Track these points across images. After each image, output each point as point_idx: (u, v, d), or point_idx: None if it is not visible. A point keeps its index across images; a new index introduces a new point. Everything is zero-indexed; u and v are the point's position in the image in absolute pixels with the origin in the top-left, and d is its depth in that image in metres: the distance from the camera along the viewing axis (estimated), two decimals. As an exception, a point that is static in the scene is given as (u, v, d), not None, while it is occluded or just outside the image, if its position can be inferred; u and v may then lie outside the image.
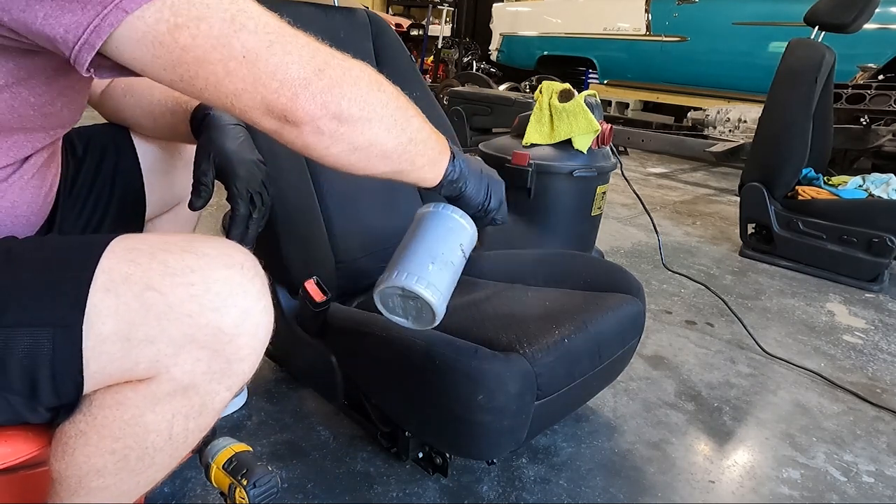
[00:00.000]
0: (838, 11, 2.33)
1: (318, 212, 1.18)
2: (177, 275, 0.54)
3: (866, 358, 1.72)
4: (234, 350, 0.57)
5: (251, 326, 0.58)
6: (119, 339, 0.53)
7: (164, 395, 0.57)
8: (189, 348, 0.55)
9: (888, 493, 1.18)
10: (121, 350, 0.54)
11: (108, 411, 0.58)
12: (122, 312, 0.53)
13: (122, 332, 0.53)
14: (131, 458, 0.61)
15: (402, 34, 7.02)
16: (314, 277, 1.05)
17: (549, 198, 1.87)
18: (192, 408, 0.60)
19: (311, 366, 1.16)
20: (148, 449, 0.61)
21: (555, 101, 1.85)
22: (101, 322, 0.53)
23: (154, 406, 0.58)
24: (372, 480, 1.09)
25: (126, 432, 0.59)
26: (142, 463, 0.62)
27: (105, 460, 0.60)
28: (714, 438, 1.30)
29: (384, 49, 1.37)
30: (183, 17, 0.49)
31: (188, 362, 0.56)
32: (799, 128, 2.33)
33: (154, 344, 0.54)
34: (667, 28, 4.83)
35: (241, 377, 0.60)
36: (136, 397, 0.57)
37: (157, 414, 0.58)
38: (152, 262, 0.55)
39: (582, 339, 1.00)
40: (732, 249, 2.63)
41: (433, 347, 0.91)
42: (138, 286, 0.53)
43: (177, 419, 0.60)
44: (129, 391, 0.57)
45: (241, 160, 0.81)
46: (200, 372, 0.57)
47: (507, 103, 3.18)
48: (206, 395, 0.60)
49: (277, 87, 0.52)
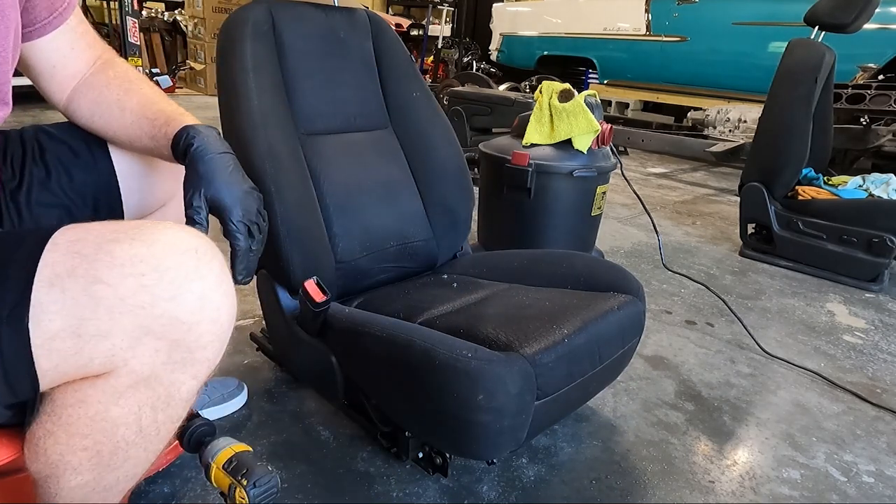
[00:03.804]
0: (838, 11, 2.33)
1: (318, 212, 1.19)
2: (125, 265, 0.53)
3: (866, 358, 1.72)
4: (195, 338, 0.56)
5: (211, 312, 0.57)
6: (69, 336, 0.52)
7: (126, 388, 0.56)
8: (145, 340, 0.54)
9: (888, 493, 1.18)
10: (73, 346, 0.52)
11: (72, 409, 0.57)
12: (69, 307, 0.51)
13: (72, 328, 0.52)
14: (104, 453, 0.60)
15: (402, 34, 7.02)
16: (314, 277, 1.05)
17: (549, 198, 1.87)
18: (158, 399, 0.59)
19: (311, 366, 1.16)
20: (119, 443, 0.60)
21: (555, 101, 1.86)
22: (49, 319, 0.51)
23: (117, 400, 0.57)
24: (372, 480, 1.09)
25: (93, 428, 0.58)
26: (116, 458, 0.61)
27: (79, 458, 0.59)
28: (714, 438, 1.30)
29: (384, 49, 1.37)
30: None
31: (146, 354, 0.55)
32: (799, 128, 2.33)
33: (107, 338, 0.53)
34: (667, 28, 4.83)
35: (205, 364, 0.60)
36: (97, 393, 0.56)
37: (121, 407, 0.58)
38: (98, 253, 0.53)
39: (582, 339, 1.00)
40: (732, 249, 2.63)
41: (433, 347, 0.91)
42: (85, 279, 0.52)
43: (144, 411, 0.59)
44: (88, 388, 0.56)
45: (235, 195, 0.76)
46: (160, 363, 0.56)
47: (507, 103, 3.17)
48: (171, 386, 0.59)
49: None
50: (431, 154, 1.37)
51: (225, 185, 0.76)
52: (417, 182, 1.36)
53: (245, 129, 1.10)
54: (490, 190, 2.01)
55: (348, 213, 1.24)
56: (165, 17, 7.43)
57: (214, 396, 1.22)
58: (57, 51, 0.82)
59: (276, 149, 1.11)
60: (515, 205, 1.91)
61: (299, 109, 1.22)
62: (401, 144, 1.37)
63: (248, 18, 1.16)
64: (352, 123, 1.31)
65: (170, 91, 6.49)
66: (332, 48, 1.28)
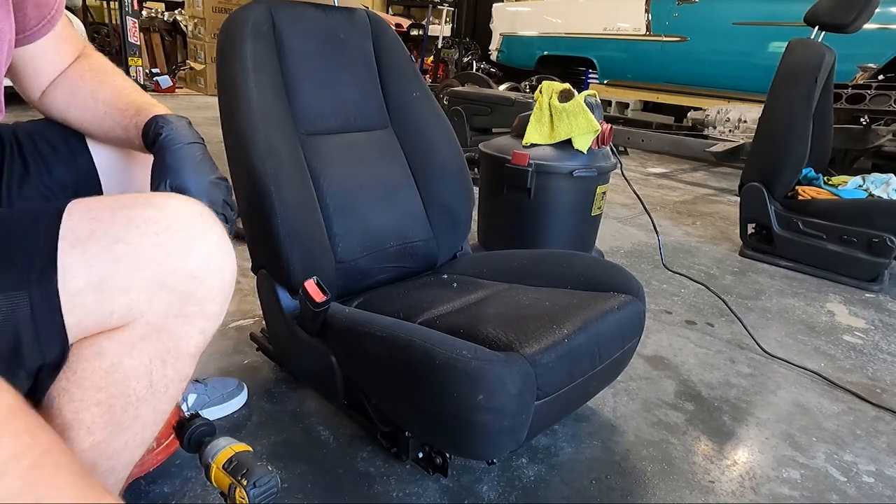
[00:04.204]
0: (838, 11, 2.33)
1: (318, 212, 1.19)
2: (141, 226, 0.58)
3: (866, 358, 1.72)
4: (204, 292, 0.62)
5: (216, 268, 0.62)
6: (92, 291, 0.56)
7: (139, 339, 0.60)
8: (161, 294, 0.59)
9: (888, 493, 1.18)
10: (95, 301, 0.56)
11: (87, 363, 0.60)
12: (92, 266, 0.56)
13: (95, 285, 0.56)
14: (116, 408, 0.63)
15: (402, 34, 7.03)
16: (314, 277, 1.05)
17: (549, 198, 1.87)
18: (168, 352, 0.63)
19: (311, 366, 1.16)
20: (131, 398, 0.63)
21: (555, 101, 1.86)
22: (72, 278, 0.55)
23: (131, 351, 0.61)
24: (372, 480, 1.09)
25: (107, 381, 0.61)
26: (127, 415, 0.64)
27: (92, 414, 0.62)
28: (714, 438, 1.30)
29: (384, 49, 1.37)
30: None
31: (161, 306, 0.59)
32: (799, 128, 2.33)
33: (127, 293, 0.57)
34: (667, 28, 4.83)
35: (211, 319, 0.65)
36: (113, 345, 0.60)
37: (134, 359, 0.61)
38: (114, 217, 0.58)
39: (582, 339, 1.00)
40: (732, 249, 2.63)
41: (433, 347, 0.91)
42: (104, 240, 0.56)
43: (154, 364, 0.63)
44: (104, 341, 0.60)
45: (200, 185, 0.77)
46: (173, 315, 0.61)
47: (507, 103, 3.17)
48: (180, 339, 0.63)
49: None
50: (431, 154, 1.37)
51: (191, 175, 0.78)
52: (417, 182, 1.36)
53: (245, 129, 1.10)
54: (490, 190, 2.01)
55: (348, 213, 1.24)
56: (165, 17, 7.44)
57: (214, 396, 1.22)
58: (43, 55, 0.84)
59: (276, 149, 1.11)
60: (515, 205, 1.91)
61: (299, 109, 1.22)
62: (401, 144, 1.37)
63: (248, 18, 1.16)
64: (352, 123, 1.31)
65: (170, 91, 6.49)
66: (332, 48, 1.28)
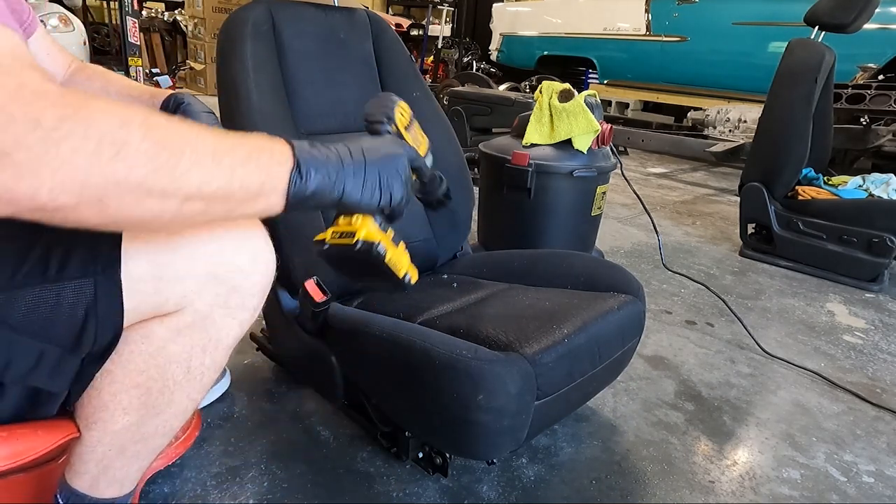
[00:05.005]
0: (838, 11, 2.33)
1: (318, 212, 1.18)
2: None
3: (866, 358, 1.72)
4: (249, 286, 0.65)
5: (262, 265, 0.66)
6: (151, 279, 0.60)
7: (186, 327, 0.64)
8: (211, 285, 0.62)
9: (888, 493, 1.18)
10: (153, 288, 0.60)
11: (134, 346, 0.64)
12: (153, 255, 0.59)
13: (154, 272, 0.60)
14: (154, 391, 0.67)
15: (402, 34, 7.03)
16: (314, 277, 1.05)
17: (549, 198, 1.87)
18: (209, 341, 0.66)
19: (311, 366, 1.16)
20: (168, 382, 0.67)
21: (555, 101, 1.86)
22: (135, 264, 0.59)
23: (176, 337, 0.64)
24: (372, 480, 1.09)
25: (150, 364, 0.65)
26: (162, 398, 0.68)
27: (130, 396, 0.66)
28: (714, 438, 1.30)
29: (384, 49, 1.37)
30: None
31: (209, 297, 0.63)
32: (799, 128, 2.33)
33: (182, 281, 0.61)
34: (667, 28, 4.83)
35: (250, 312, 0.68)
36: (161, 329, 0.64)
37: (178, 345, 0.65)
38: None
39: (582, 339, 1.00)
40: (732, 249, 2.63)
41: (433, 347, 0.91)
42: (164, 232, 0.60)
43: (195, 352, 0.66)
44: (155, 325, 0.64)
45: None
46: (219, 305, 0.64)
47: (507, 103, 3.17)
48: (221, 330, 0.67)
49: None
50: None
51: None
52: (417, 182, 1.36)
53: (245, 129, 1.08)
54: (490, 190, 2.01)
55: (348, 213, 1.24)
56: (165, 17, 7.44)
57: None
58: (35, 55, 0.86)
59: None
60: (515, 205, 1.91)
61: (299, 109, 1.22)
62: (401, 144, 1.37)
63: (248, 18, 1.16)
64: (352, 123, 1.31)
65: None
66: (332, 48, 1.28)
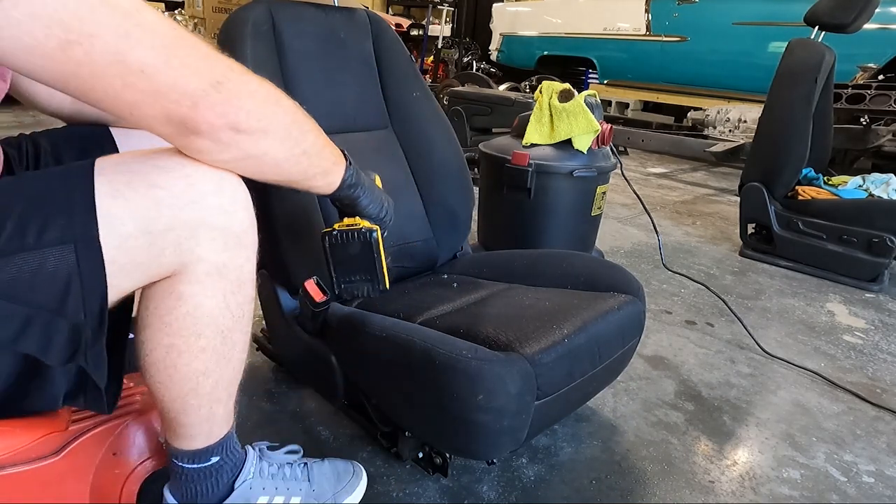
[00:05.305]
0: (838, 11, 2.33)
1: (318, 212, 1.18)
2: (172, 170, 0.62)
3: (866, 358, 1.72)
4: (238, 223, 0.67)
5: (242, 202, 0.68)
6: (141, 234, 0.60)
7: (205, 276, 0.66)
8: (202, 231, 0.64)
9: (888, 493, 1.18)
10: (146, 242, 0.61)
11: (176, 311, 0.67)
12: (135, 210, 0.60)
13: (142, 227, 0.60)
14: (217, 346, 0.71)
15: (402, 34, 7.02)
16: (314, 277, 1.05)
17: (549, 198, 1.87)
18: (233, 283, 0.69)
19: (311, 366, 1.16)
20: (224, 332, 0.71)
21: (555, 101, 1.85)
22: (120, 223, 0.59)
23: (204, 290, 0.67)
24: (372, 480, 1.09)
25: (201, 325, 0.68)
26: (226, 347, 0.72)
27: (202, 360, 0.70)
28: (714, 438, 1.30)
29: (384, 49, 1.37)
30: (75, 34, 0.49)
31: (206, 242, 0.65)
32: (799, 128, 2.33)
33: (173, 230, 0.62)
34: (667, 28, 4.83)
35: (251, 248, 0.71)
36: (185, 286, 0.66)
37: (212, 299, 0.68)
38: (145, 166, 0.62)
39: (582, 339, 1.00)
40: (732, 249, 2.63)
41: (433, 347, 0.91)
42: (142, 187, 0.61)
43: (228, 298, 0.69)
44: (176, 285, 0.66)
45: None
46: (221, 250, 0.66)
47: (507, 103, 3.17)
48: (237, 270, 0.69)
49: (177, 98, 0.55)
50: (431, 154, 1.37)
51: None
52: (417, 182, 1.36)
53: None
54: (490, 190, 2.01)
55: (348, 213, 1.24)
56: (165, 17, 7.43)
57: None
58: None
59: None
60: (515, 205, 1.91)
61: (299, 109, 1.22)
62: (401, 144, 1.37)
63: (248, 18, 1.16)
64: (352, 123, 1.31)
65: (170, 91, 6.48)
66: (332, 48, 1.28)
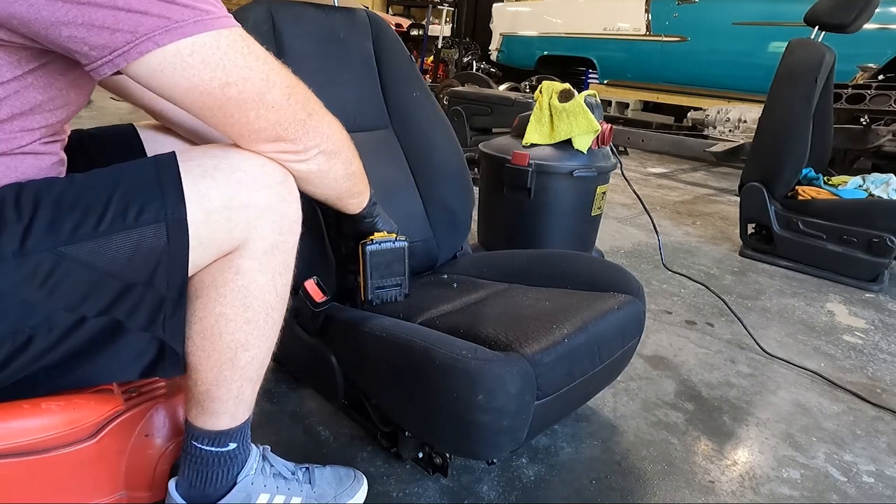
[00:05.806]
0: (838, 11, 2.33)
1: (318, 212, 1.18)
2: (251, 158, 0.72)
3: (866, 358, 1.72)
4: (293, 212, 0.76)
5: (297, 196, 0.77)
6: (223, 209, 0.69)
7: (262, 254, 0.74)
8: (268, 212, 0.72)
9: (888, 493, 1.18)
10: (224, 216, 0.70)
11: (232, 283, 0.73)
12: (222, 188, 0.69)
13: (225, 203, 0.69)
14: (260, 322, 0.77)
15: (402, 34, 7.03)
16: (314, 277, 1.05)
17: (549, 198, 1.87)
18: (281, 264, 0.77)
19: (311, 366, 1.16)
20: (268, 309, 0.78)
21: (555, 101, 1.86)
22: (209, 199, 0.68)
23: (259, 266, 0.74)
24: (372, 480, 1.09)
25: (250, 297, 0.75)
26: (268, 324, 0.79)
27: (245, 332, 0.76)
28: (714, 438, 1.30)
29: (384, 49, 1.37)
30: (233, 77, 0.64)
31: (269, 223, 0.73)
32: (799, 128, 2.33)
33: (246, 209, 0.70)
34: (667, 28, 4.83)
35: (296, 236, 0.79)
36: (244, 261, 0.73)
37: (264, 275, 0.75)
38: (227, 153, 0.72)
39: (582, 339, 1.00)
40: (732, 249, 2.63)
41: (433, 347, 0.91)
42: (227, 170, 0.70)
43: (276, 277, 0.77)
44: (237, 259, 0.73)
45: None
46: (277, 232, 0.74)
47: (507, 103, 3.17)
48: (286, 253, 0.77)
49: (288, 126, 0.71)
50: (431, 154, 1.37)
51: None
52: (417, 182, 1.36)
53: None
54: (490, 190, 2.01)
55: (348, 213, 1.24)
56: (165, 17, 7.42)
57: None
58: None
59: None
60: (515, 205, 1.91)
61: (299, 109, 1.22)
62: (401, 144, 1.37)
63: (247, 18, 1.16)
64: (352, 123, 1.30)
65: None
66: (332, 48, 1.28)
